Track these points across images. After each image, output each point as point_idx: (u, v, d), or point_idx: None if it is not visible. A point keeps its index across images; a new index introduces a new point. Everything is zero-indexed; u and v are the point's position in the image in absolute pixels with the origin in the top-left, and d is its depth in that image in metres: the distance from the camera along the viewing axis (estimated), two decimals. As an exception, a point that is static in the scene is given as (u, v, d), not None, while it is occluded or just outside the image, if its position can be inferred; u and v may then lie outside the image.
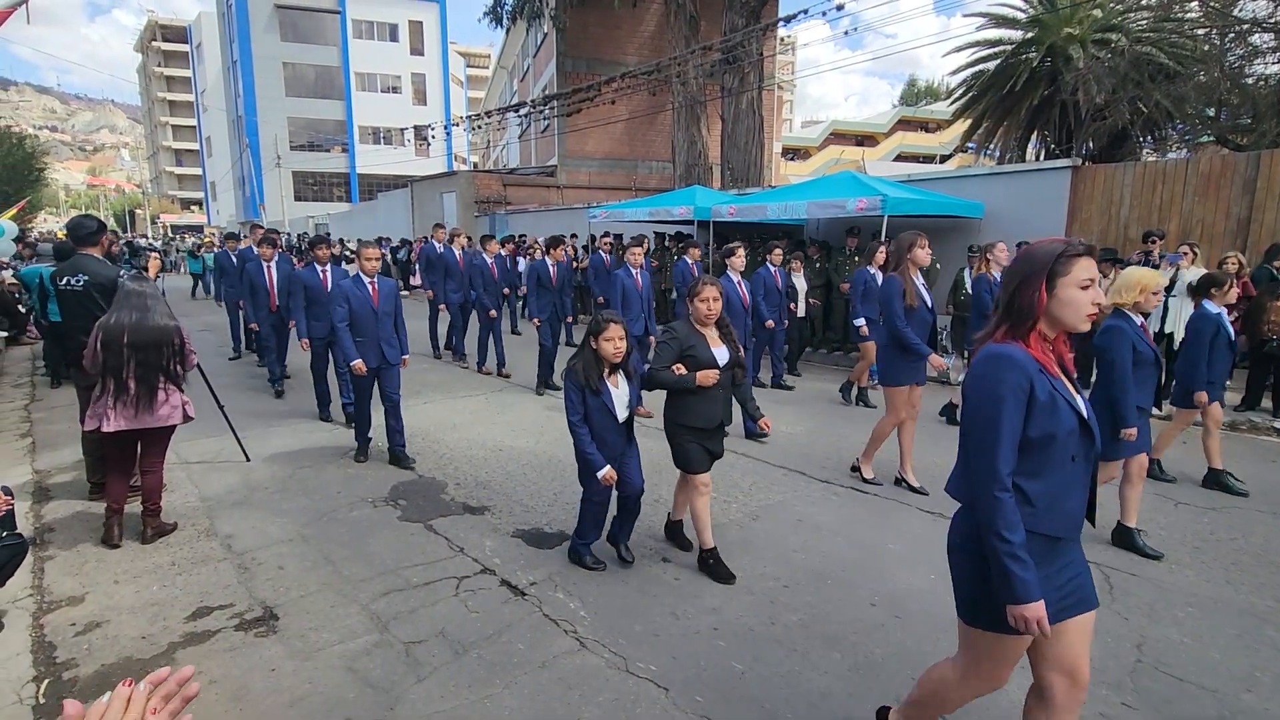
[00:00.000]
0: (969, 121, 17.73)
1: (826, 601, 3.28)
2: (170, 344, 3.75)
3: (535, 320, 7.64)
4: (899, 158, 43.28)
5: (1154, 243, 7.44)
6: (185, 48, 64.70)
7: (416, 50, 47.90)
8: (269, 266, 7.46)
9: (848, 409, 7.06)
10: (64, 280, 4.24)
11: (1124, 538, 3.86)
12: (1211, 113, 13.80)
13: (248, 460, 5.15)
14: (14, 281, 9.53)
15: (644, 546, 3.85)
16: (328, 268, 6.61)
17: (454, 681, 2.67)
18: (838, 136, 47.81)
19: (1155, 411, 4.15)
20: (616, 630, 3.03)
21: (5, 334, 10.34)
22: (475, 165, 47.79)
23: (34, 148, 31.04)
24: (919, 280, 4.60)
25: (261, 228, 8.43)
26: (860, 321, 6.77)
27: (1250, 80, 12.12)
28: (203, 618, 3.11)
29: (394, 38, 47.32)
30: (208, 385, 5.12)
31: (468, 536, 3.97)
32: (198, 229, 49.54)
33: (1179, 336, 6.96)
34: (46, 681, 2.67)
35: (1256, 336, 6.21)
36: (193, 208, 68.67)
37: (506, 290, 10.40)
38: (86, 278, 4.22)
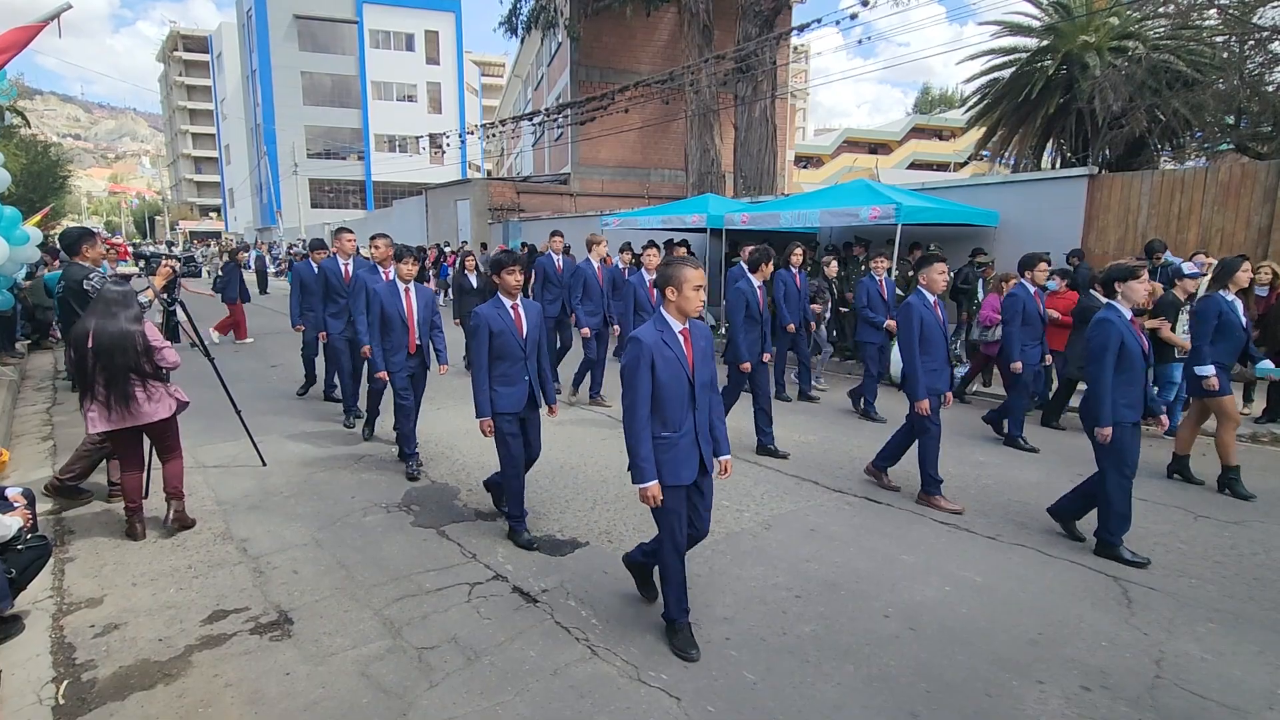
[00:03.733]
0: (984, 129, 17.63)
1: (839, 612, 3.26)
2: (134, 347, 3.78)
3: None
4: (913, 166, 43.10)
5: (1158, 257, 7.38)
6: (206, 57, 65.79)
7: (432, 59, 48.44)
8: (408, 291, 5.11)
9: (859, 419, 7.01)
10: (56, 287, 4.51)
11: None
12: (1231, 121, 13.63)
13: (264, 464, 5.20)
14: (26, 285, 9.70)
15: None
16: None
17: (466, 688, 2.68)
18: (851, 144, 47.71)
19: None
20: (628, 639, 3.02)
21: (27, 339, 10.54)
22: (489, 173, 48.19)
23: (58, 155, 31.61)
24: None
25: (346, 230, 6.95)
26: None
27: (1270, 88, 11.96)
28: (218, 621, 3.15)
29: (410, 47, 47.89)
30: (225, 390, 5.19)
31: (480, 543, 3.99)
32: (216, 235, 50.20)
33: None
34: (66, 683, 2.70)
35: (1277, 345, 6.11)
36: (211, 214, 69.62)
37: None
38: (64, 283, 4.57)
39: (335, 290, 6.62)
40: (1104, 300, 4.07)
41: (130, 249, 26.82)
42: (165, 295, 4.83)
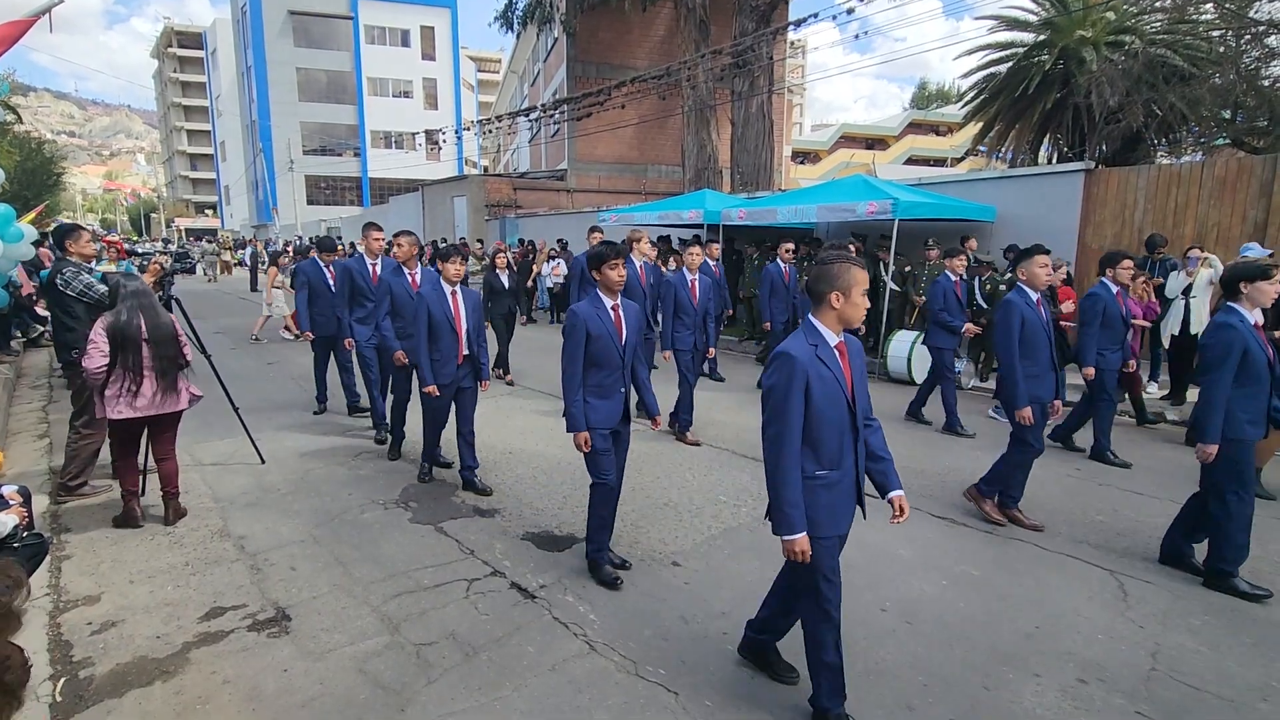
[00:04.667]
0: (981, 124, 17.60)
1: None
2: (176, 337, 4.06)
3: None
4: (910, 161, 43.10)
5: (1159, 252, 7.40)
6: (200, 54, 65.55)
7: (428, 55, 48.30)
8: (455, 295, 4.58)
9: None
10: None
11: None
12: (1227, 115, 13.64)
13: (262, 462, 5.20)
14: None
15: (654, 551, 3.85)
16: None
17: (464, 684, 2.68)
18: (848, 140, 47.69)
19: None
20: (626, 634, 3.03)
21: (23, 336, 10.50)
22: (486, 169, 48.07)
23: (52, 153, 31.45)
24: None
25: (374, 226, 6.15)
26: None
27: (1267, 82, 11.97)
28: (216, 618, 3.14)
29: (406, 43, 47.74)
30: (222, 387, 5.18)
31: (478, 539, 3.99)
32: (211, 232, 50.02)
33: None
34: (63, 680, 2.70)
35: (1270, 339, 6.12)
36: (207, 211, 69.43)
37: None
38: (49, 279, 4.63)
39: (362, 293, 5.92)
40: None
41: (126, 246, 26.75)
42: (160, 293, 4.80)
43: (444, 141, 25.92)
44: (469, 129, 27.52)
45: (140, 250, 25.97)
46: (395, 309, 5.27)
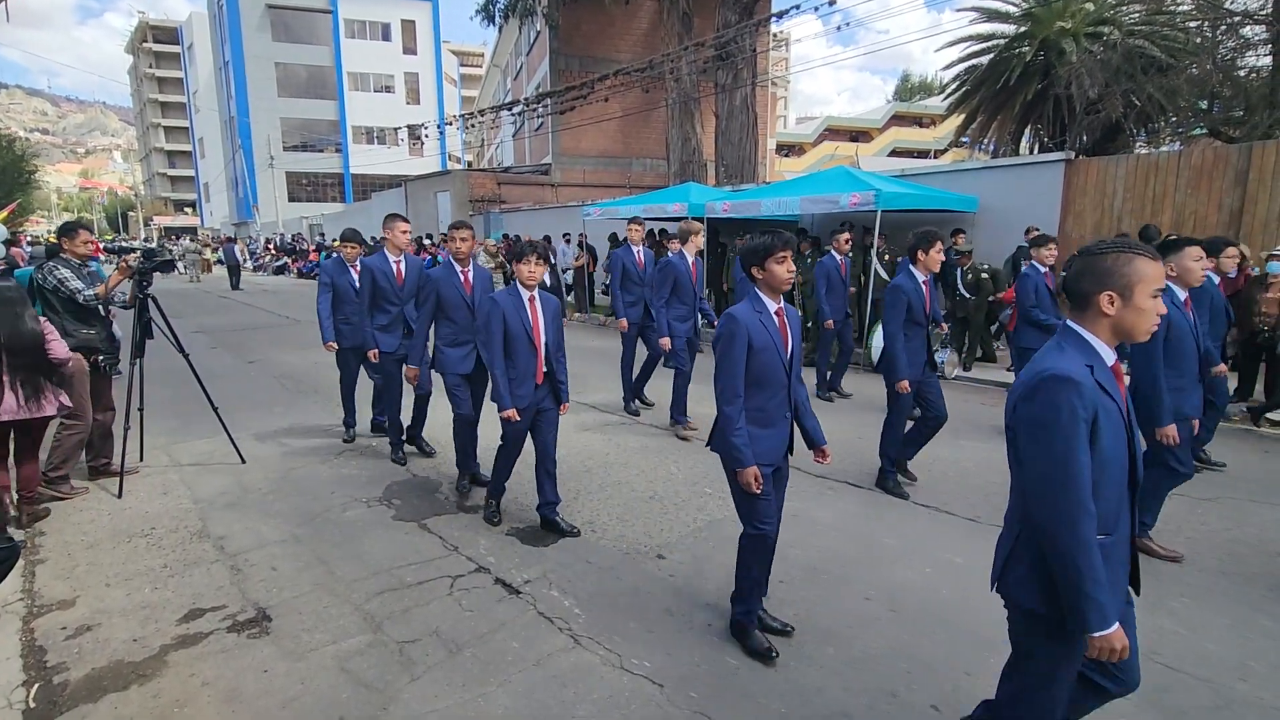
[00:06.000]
0: (963, 116, 17.70)
1: (821, 596, 3.28)
2: (42, 344, 3.94)
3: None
4: (894, 153, 43.26)
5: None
6: (177, 49, 64.43)
7: (409, 49, 47.78)
8: (533, 301, 3.82)
9: (835, 404, 7.04)
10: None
11: None
12: (1204, 105, 13.82)
13: (242, 461, 5.13)
14: None
15: (639, 544, 3.84)
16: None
17: (448, 680, 2.66)
18: (832, 132, 47.79)
19: None
20: (611, 627, 3.02)
21: None
22: (469, 164, 47.72)
23: (24, 150, 30.87)
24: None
25: (399, 218, 5.25)
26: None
27: (1242, 73, 12.12)
28: (195, 620, 3.10)
29: (386, 37, 47.19)
30: (201, 386, 5.10)
31: (462, 535, 3.96)
32: (191, 230, 49.33)
33: None
34: (37, 685, 2.65)
35: (1247, 328, 6.22)
36: (186, 209, 68.40)
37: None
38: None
39: (386, 296, 5.10)
40: None
41: (103, 245, 26.27)
42: (137, 292, 4.69)
43: (427, 136, 25.65)
44: (452, 124, 27.28)
45: (117, 247, 25.50)
46: (445, 315, 4.44)
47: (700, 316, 6.50)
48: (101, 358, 4.62)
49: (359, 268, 5.32)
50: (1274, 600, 3.24)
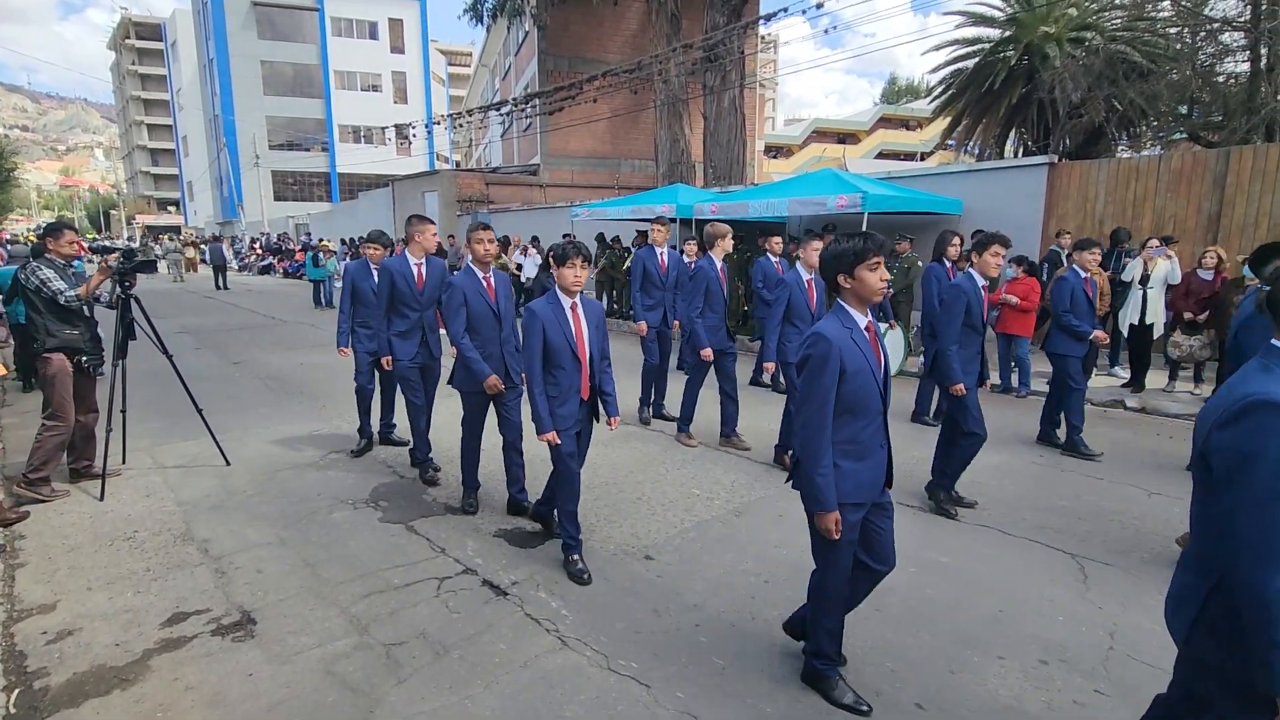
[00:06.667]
0: (949, 119, 17.88)
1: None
2: None
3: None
4: (881, 155, 43.57)
5: (1122, 246, 7.59)
6: (160, 45, 63.61)
7: (397, 48, 47.50)
8: (575, 309, 3.47)
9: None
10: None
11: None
12: (1184, 110, 14.05)
13: (227, 464, 5.08)
14: None
15: (626, 545, 3.85)
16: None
17: (435, 683, 2.66)
18: (820, 134, 48.06)
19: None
20: (598, 629, 3.03)
21: None
22: (457, 164, 47.55)
23: (3, 147, 30.40)
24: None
25: (426, 220, 4.97)
26: None
27: (1221, 78, 12.35)
28: (178, 623, 3.07)
29: (374, 35, 46.89)
30: (185, 387, 5.06)
31: (449, 537, 3.95)
32: (175, 230, 48.72)
33: (1158, 329, 7.11)
34: (17, 691, 2.62)
35: (1225, 329, 6.32)
36: (170, 208, 67.56)
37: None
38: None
39: (404, 300, 4.85)
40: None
41: (85, 244, 25.94)
42: (121, 294, 4.64)
43: (414, 136, 25.50)
44: (440, 123, 27.18)
45: (108, 247, 25.16)
46: (471, 327, 4.08)
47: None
48: (85, 358, 4.56)
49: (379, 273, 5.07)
50: None
